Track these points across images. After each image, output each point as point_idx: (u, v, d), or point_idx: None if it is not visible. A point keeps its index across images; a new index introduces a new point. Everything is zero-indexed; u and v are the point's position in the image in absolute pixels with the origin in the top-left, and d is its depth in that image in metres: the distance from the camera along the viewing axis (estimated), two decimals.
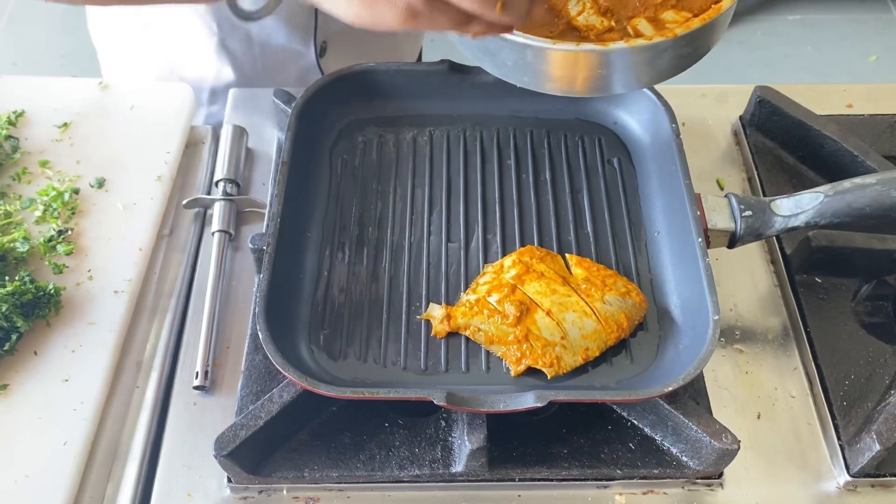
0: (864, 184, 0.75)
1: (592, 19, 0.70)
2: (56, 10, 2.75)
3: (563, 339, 0.72)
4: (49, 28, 2.72)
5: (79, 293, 0.83)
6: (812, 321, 0.82)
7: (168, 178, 0.92)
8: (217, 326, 0.82)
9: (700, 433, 0.69)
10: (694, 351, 0.69)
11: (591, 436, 0.74)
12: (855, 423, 0.75)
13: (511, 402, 0.66)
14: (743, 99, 0.99)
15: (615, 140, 0.90)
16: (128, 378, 0.80)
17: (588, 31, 0.71)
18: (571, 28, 0.72)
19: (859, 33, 2.72)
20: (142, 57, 1.15)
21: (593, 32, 0.71)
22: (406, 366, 0.74)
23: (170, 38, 1.09)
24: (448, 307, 0.76)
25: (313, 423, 0.74)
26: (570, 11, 0.72)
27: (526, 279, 0.76)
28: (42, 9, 2.76)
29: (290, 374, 0.66)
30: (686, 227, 0.76)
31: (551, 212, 0.84)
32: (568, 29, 0.72)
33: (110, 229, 0.88)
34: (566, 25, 0.72)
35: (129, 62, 1.17)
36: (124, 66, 1.18)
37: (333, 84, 0.87)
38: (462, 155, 0.89)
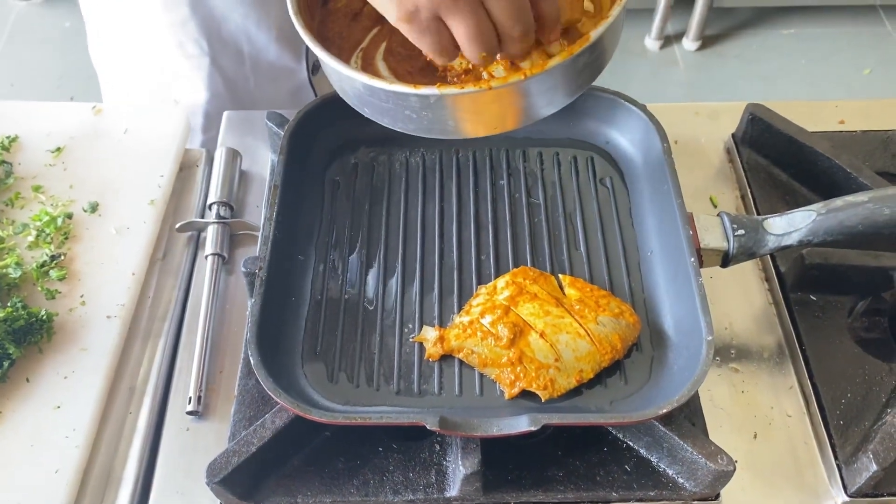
0: (857, 202, 0.75)
1: None
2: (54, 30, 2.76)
3: (556, 361, 0.72)
4: (47, 49, 2.73)
5: (71, 319, 0.82)
6: (807, 339, 0.81)
7: (161, 202, 0.92)
8: (210, 351, 0.82)
9: (696, 455, 0.68)
10: (688, 372, 0.69)
11: (586, 458, 0.73)
12: (852, 442, 0.75)
13: (504, 426, 0.66)
14: (735, 116, 0.99)
15: (608, 160, 0.90)
16: (120, 404, 0.80)
17: (445, 71, 0.70)
18: (430, 66, 0.71)
19: (853, 47, 2.73)
20: (139, 78, 1.15)
21: (451, 73, 0.70)
22: (399, 389, 0.73)
23: (164, 58, 1.10)
24: (441, 329, 0.76)
25: (307, 448, 0.73)
26: None
27: (519, 300, 0.75)
28: (40, 30, 2.78)
29: (282, 399, 0.66)
30: (679, 246, 0.76)
31: (545, 232, 0.84)
32: (426, 67, 0.71)
33: (103, 254, 0.87)
34: (426, 63, 0.71)
35: (128, 84, 1.18)
36: (123, 87, 1.19)
37: (325, 106, 0.87)
38: (455, 175, 0.89)
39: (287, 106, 1.08)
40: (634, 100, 0.87)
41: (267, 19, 1.01)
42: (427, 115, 0.66)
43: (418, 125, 0.67)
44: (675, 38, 2.73)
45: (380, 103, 0.67)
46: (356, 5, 0.78)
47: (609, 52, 0.69)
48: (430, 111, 0.65)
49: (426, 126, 0.67)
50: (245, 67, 1.11)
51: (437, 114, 0.65)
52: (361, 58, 0.74)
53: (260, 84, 1.13)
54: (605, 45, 0.67)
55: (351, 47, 0.74)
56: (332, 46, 0.74)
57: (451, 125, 0.67)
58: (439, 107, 0.64)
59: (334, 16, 0.76)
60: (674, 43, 2.72)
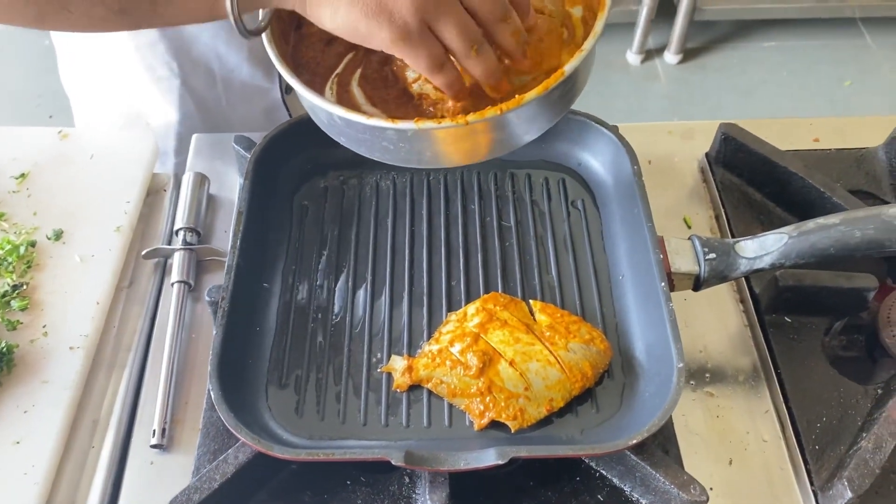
0: (828, 224, 0.74)
1: (427, 88, 0.69)
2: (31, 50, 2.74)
3: (526, 390, 0.71)
4: (25, 68, 2.71)
5: (33, 350, 0.80)
6: (782, 362, 0.81)
7: (128, 229, 0.91)
8: (175, 382, 0.80)
9: (668, 485, 0.67)
10: (660, 399, 0.68)
11: (559, 488, 0.72)
12: (828, 467, 0.74)
13: (472, 459, 0.65)
14: (709, 135, 0.99)
15: (579, 181, 0.89)
16: (83, 438, 0.77)
17: (420, 99, 0.70)
18: (407, 94, 0.71)
19: (833, 59, 2.75)
20: (111, 101, 1.14)
21: (427, 101, 0.70)
22: (366, 422, 0.72)
23: (134, 81, 1.09)
24: (410, 359, 0.74)
25: (272, 482, 0.71)
26: (407, 77, 0.71)
27: (489, 328, 0.74)
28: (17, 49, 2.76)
29: (243, 435, 0.64)
30: (650, 270, 0.75)
31: (515, 256, 0.83)
32: (403, 94, 0.71)
33: (67, 283, 0.86)
34: (401, 91, 0.71)
35: (100, 107, 1.16)
36: (95, 111, 1.17)
37: (293, 129, 0.86)
38: (426, 199, 0.88)
39: (261, 126, 1.07)
40: (605, 122, 0.86)
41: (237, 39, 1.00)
42: (404, 147, 0.66)
43: (395, 156, 0.68)
44: (657, 51, 2.73)
45: (356, 134, 0.67)
46: None
47: (582, 82, 0.69)
48: (408, 143, 0.65)
49: (403, 157, 0.68)
50: (217, 88, 1.09)
51: (415, 146, 0.66)
52: (337, 83, 0.73)
53: (232, 104, 1.11)
54: (579, 76, 0.67)
55: (325, 73, 0.74)
56: (307, 72, 0.73)
57: (428, 156, 0.67)
58: (416, 140, 0.65)
59: (308, 40, 0.76)
60: (655, 57, 2.73)
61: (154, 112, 1.11)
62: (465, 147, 0.68)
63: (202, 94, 1.09)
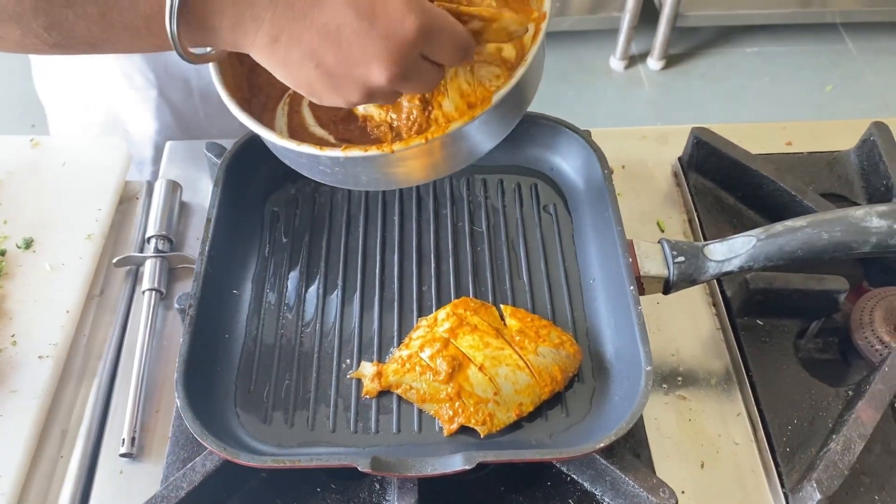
0: (795, 227, 0.74)
1: (371, 109, 0.70)
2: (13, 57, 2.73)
3: (495, 395, 0.70)
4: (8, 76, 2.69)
5: (1, 360, 0.80)
6: (754, 365, 0.81)
7: (99, 236, 0.90)
8: (146, 390, 0.79)
9: (637, 488, 0.67)
10: (628, 402, 0.68)
11: (529, 493, 0.72)
12: (798, 469, 0.74)
13: (440, 465, 0.64)
14: (683, 140, 0.99)
15: (552, 186, 0.89)
16: (51, 448, 0.77)
17: (365, 121, 0.71)
18: (352, 116, 0.72)
19: (815, 64, 2.77)
20: (86, 110, 1.13)
21: (371, 123, 0.70)
22: (335, 428, 0.71)
23: (111, 90, 1.08)
24: (380, 364, 0.74)
25: (242, 490, 0.71)
26: None
27: (459, 332, 0.74)
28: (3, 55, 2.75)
29: (208, 443, 0.64)
30: (619, 274, 0.75)
31: (487, 261, 0.83)
32: (349, 115, 0.72)
33: (37, 292, 0.85)
34: (347, 112, 0.72)
35: (75, 116, 1.15)
36: (70, 119, 1.17)
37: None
38: (397, 205, 0.88)
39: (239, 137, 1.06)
40: (576, 127, 0.87)
41: None
42: (339, 171, 0.68)
43: (334, 178, 0.69)
44: (640, 57, 2.75)
45: (296, 158, 0.69)
46: None
47: (518, 106, 0.70)
48: (342, 168, 0.67)
49: (341, 180, 0.69)
50: (194, 99, 1.09)
51: (349, 171, 0.67)
52: (288, 104, 0.74)
53: (210, 116, 1.11)
54: (513, 100, 0.66)
55: (278, 95, 0.74)
56: (262, 94, 0.74)
57: (364, 180, 0.69)
58: (349, 165, 0.66)
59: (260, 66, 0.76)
60: (638, 63, 2.74)
61: (132, 120, 1.11)
62: (399, 172, 0.69)
63: (179, 105, 1.08)
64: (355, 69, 0.56)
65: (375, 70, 0.56)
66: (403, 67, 0.56)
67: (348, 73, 0.56)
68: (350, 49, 0.55)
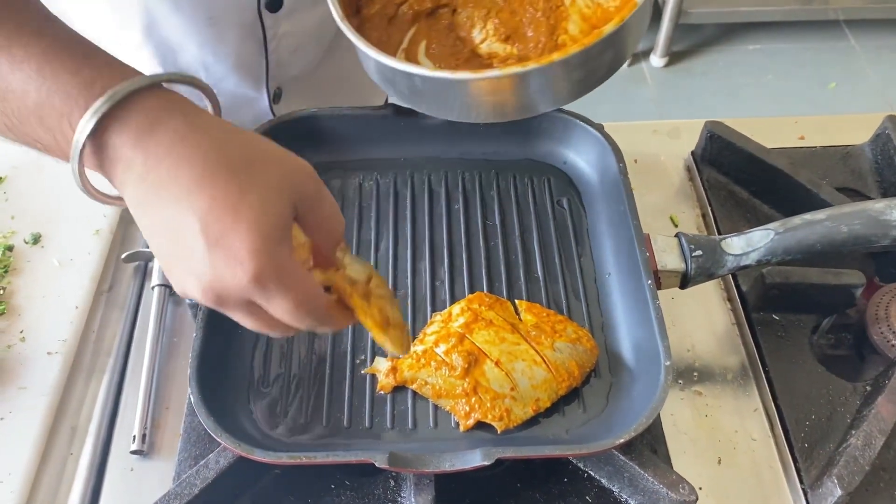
0: (814, 220, 0.73)
1: (495, 47, 0.70)
2: None
3: (512, 390, 0.70)
4: None
5: (10, 356, 0.79)
6: (770, 360, 0.80)
7: (107, 232, 0.89)
8: (156, 386, 0.78)
9: (656, 484, 0.66)
10: (647, 398, 0.67)
11: (546, 489, 0.71)
12: (817, 465, 0.73)
13: (457, 461, 0.64)
14: (695, 134, 0.98)
15: (565, 180, 0.88)
16: (61, 445, 0.76)
17: (491, 59, 0.71)
18: (476, 56, 0.72)
19: (818, 61, 2.76)
20: None
21: (496, 60, 0.71)
22: (350, 424, 0.70)
23: None
24: (394, 360, 0.73)
25: (255, 487, 0.70)
26: (474, 39, 0.72)
27: (474, 328, 0.73)
28: None
29: (223, 439, 0.63)
30: (636, 268, 0.74)
31: (500, 256, 0.82)
32: (473, 56, 0.73)
33: (45, 287, 0.84)
34: (470, 53, 0.73)
35: None
36: None
37: (273, 132, 0.85)
38: (409, 200, 0.87)
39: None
40: (590, 120, 0.86)
41: (224, 47, 0.98)
42: (489, 100, 0.70)
43: (480, 112, 0.72)
44: (643, 54, 2.74)
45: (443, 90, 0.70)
46: (390, 9, 0.78)
47: (629, 45, 0.72)
48: (491, 93, 0.69)
49: (492, 111, 0.72)
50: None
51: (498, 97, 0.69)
52: (405, 58, 0.75)
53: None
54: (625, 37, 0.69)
55: (392, 50, 0.75)
56: (378, 46, 0.74)
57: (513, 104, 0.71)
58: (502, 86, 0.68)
59: (370, 22, 0.77)
60: (641, 60, 2.73)
61: None
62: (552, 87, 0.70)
63: None
64: (178, 271, 0.51)
65: (193, 289, 0.50)
66: (220, 302, 0.50)
67: (175, 271, 0.51)
68: (180, 253, 0.50)
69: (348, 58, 1.08)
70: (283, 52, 0.95)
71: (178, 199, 0.49)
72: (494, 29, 0.72)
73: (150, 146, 0.50)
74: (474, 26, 0.72)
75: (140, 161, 0.50)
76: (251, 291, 0.49)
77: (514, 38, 0.70)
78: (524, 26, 0.72)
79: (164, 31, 0.91)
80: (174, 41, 0.95)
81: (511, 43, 0.70)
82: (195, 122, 0.52)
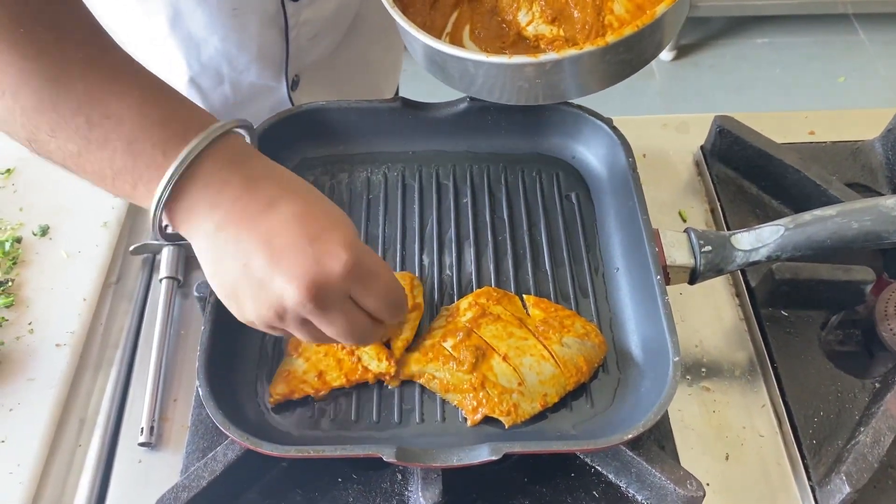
0: (825, 216, 0.73)
1: (542, 28, 0.71)
2: None
3: (520, 385, 0.70)
4: None
5: (18, 348, 0.79)
6: (779, 356, 0.80)
7: (115, 224, 0.89)
8: (164, 378, 0.79)
9: (664, 480, 0.66)
10: (655, 394, 0.67)
11: (553, 484, 0.71)
12: (825, 462, 0.73)
13: (465, 455, 0.63)
14: (704, 128, 0.98)
15: (574, 175, 0.88)
16: (69, 436, 0.76)
17: (538, 41, 0.71)
18: (522, 38, 0.73)
19: (827, 55, 2.74)
20: None
21: (543, 42, 0.71)
22: (357, 417, 0.71)
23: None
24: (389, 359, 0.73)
25: (263, 480, 0.70)
26: (520, 22, 0.72)
27: (482, 322, 0.73)
28: None
29: (231, 432, 0.63)
30: (645, 263, 0.74)
31: (508, 251, 0.82)
32: (519, 39, 0.73)
33: (53, 279, 0.84)
34: (516, 36, 0.74)
35: None
36: None
37: (282, 125, 0.85)
38: (417, 193, 0.87)
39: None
40: (599, 114, 0.85)
41: (247, 38, 0.98)
42: (541, 82, 0.70)
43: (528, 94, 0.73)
44: None
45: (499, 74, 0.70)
46: None
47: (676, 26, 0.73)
48: (546, 76, 0.69)
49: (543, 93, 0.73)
50: (224, 87, 1.07)
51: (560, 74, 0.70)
52: (449, 35, 0.76)
53: (239, 103, 1.09)
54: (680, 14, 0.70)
55: (436, 36, 0.75)
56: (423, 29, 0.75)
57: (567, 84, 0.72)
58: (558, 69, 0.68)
59: (413, 8, 0.78)
60: None
61: None
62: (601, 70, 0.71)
63: (209, 93, 1.07)
64: (276, 279, 0.54)
65: (293, 286, 0.54)
66: (321, 296, 0.54)
67: (269, 281, 0.55)
68: (279, 259, 0.54)
69: (363, 43, 1.08)
70: (302, 40, 0.96)
71: (272, 206, 0.55)
72: (541, 11, 0.72)
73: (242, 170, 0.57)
74: (520, 9, 0.73)
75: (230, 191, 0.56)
76: (349, 276, 0.55)
77: (560, 20, 0.71)
78: (570, 7, 0.72)
79: (188, 22, 0.91)
80: (199, 33, 0.95)
81: (557, 24, 0.71)
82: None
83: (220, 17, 0.89)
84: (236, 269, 0.55)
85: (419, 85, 1.19)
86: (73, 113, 0.54)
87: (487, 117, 0.87)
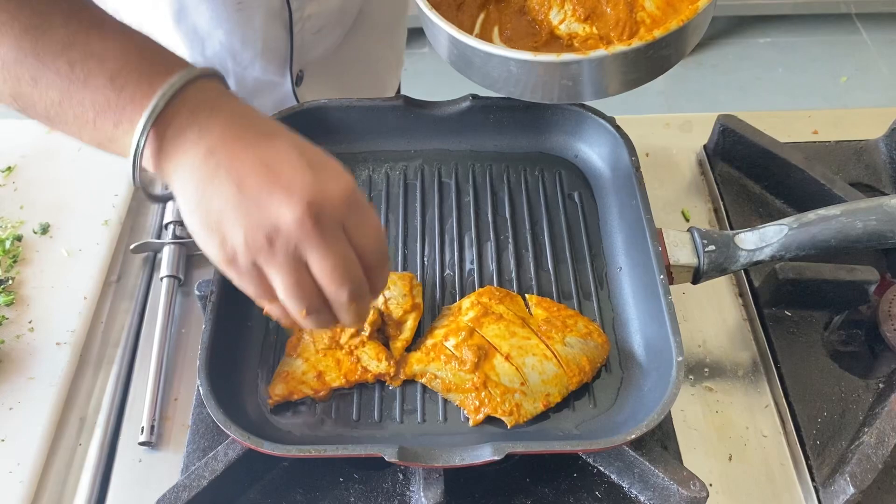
0: (829, 215, 0.73)
1: (574, 27, 0.70)
2: None
3: (522, 385, 0.69)
4: None
5: (19, 346, 0.79)
6: (782, 356, 0.79)
7: (116, 222, 0.89)
8: (164, 377, 0.78)
9: (667, 481, 0.66)
10: (658, 394, 0.67)
11: (555, 485, 0.71)
12: (829, 463, 0.72)
13: (467, 455, 0.63)
14: (707, 127, 0.97)
15: (576, 174, 0.88)
16: (69, 435, 0.76)
17: (571, 39, 0.72)
18: (555, 37, 0.73)
19: (830, 55, 2.74)
20: None
21: (577, 40, 0.71)
22: (359, 417, 0.70)
23: None
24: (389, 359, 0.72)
25: (264, 479, 0.70)
26: (552, 21, 0.72)
27: (484, 322, 0.73)
28: None
29: (233, 431, 0.63)
30: (648, 263, 0.73)
31: (511, 250, 0.82)
32: (552, 38, 0.73)
33: (54, 277, 0.84)
34: (549, 35, 0.73)
35: None
36: None
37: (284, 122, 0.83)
38: (419, 192, 0.86)
39: None
40: (602, 113, 0.85)
41: (252, 33, 0.98)
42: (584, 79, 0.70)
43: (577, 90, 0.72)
44: None
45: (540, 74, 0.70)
46: None
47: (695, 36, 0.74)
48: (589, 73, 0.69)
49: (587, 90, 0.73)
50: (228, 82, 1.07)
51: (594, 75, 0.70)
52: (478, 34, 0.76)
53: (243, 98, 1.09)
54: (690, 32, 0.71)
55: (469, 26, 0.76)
56: None
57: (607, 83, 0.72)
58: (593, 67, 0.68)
59: (439, 10, 0.77)
60: None
61: None
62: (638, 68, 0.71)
63: None
64: (275, 194, 0.52)
65: (293, 200, 0.51)
66: (320, 216, 0.52)
67: (267, 196, 0.52)
68: (279, 176, 0.52)
69: (367, 40, 1.07)
70: (306, 35, 0.96)
71: (268, 135, 0.55)
72: (573, 9, 0.72)
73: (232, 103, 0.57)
74: (552, 8, 0.72)
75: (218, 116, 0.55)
76: (348, 200, 0.54)
77: (592, 18, 0.71)
78: (602, 5, 0.72)
79: (193, 16, 0.91)
80: (203, 28, 0.94)
81: (590, 22, 0.71)
82: None
83: (224, 12, 0.89)
84: (228, 191, 0.52)
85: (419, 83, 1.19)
86: (54, 57, 0.54)
87: (490, 116, 0.87)
